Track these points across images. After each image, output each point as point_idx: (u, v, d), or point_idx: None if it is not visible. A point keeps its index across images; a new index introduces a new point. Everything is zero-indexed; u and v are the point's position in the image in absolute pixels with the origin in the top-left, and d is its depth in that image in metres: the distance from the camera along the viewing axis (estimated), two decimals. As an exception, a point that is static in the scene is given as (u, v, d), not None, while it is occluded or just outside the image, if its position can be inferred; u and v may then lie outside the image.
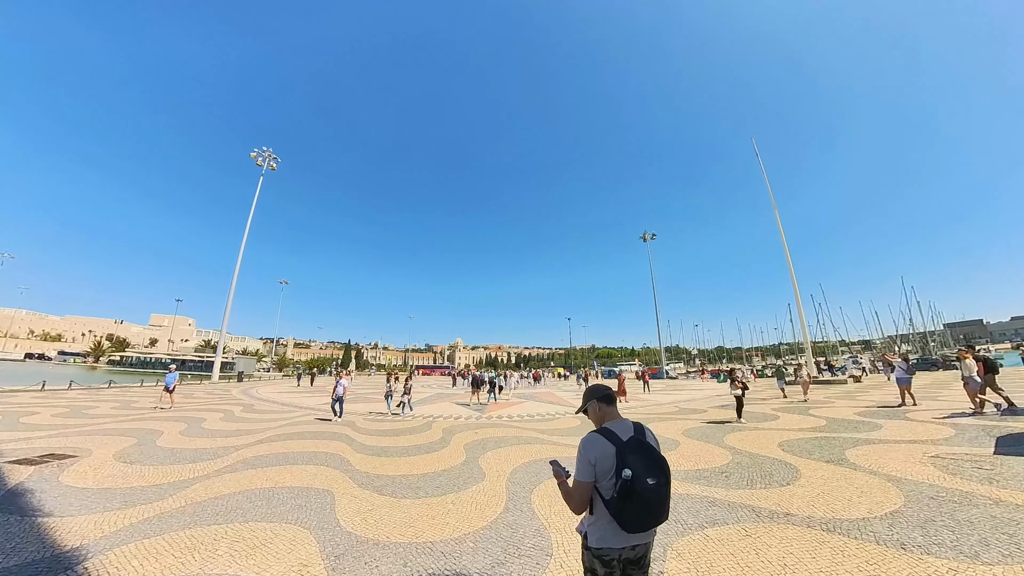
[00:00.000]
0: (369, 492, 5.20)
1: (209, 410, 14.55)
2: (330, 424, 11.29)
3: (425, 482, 5.66)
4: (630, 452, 1.81)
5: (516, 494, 5.07)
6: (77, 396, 18.64)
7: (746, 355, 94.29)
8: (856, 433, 8.52)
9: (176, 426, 10.66)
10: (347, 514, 4.45)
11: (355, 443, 8.57)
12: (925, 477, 5.43)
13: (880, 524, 4.07)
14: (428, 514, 4.46)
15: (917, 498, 4.70)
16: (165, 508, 4.63)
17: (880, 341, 65.21)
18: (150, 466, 6.56)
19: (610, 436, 1.89)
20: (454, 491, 5.23)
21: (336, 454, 7.49)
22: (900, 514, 4.30)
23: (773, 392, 19.67)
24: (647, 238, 57.74)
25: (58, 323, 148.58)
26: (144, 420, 11.59)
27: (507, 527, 4.10)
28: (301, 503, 4.79)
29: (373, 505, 4.72)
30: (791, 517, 4.28)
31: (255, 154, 44.62)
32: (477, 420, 12.34)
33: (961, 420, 9.20)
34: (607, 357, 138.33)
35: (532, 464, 6.63)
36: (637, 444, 1.86)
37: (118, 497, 5.01)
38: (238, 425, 11.13)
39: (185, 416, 12.66)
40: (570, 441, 8.65)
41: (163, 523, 4.20)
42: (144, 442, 8.48)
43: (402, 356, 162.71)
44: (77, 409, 13.72)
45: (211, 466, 6.58)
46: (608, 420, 2.04)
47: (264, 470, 6.32)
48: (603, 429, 1.96)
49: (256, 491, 5.25)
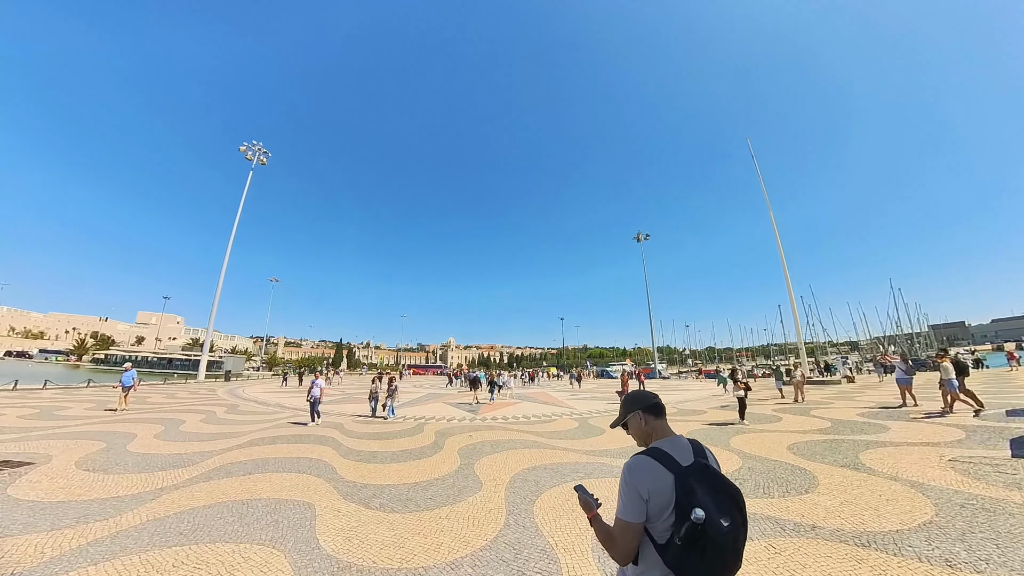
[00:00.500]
0: (354, 505, 4.70)
1: (190, 411, 13.87)
2: (316, 427, 10.72)
3: (416, 493, 5.18)
4: (696, 482, 1.35)
5: (517, 506, 4.62)
6: (51, 396, 17.78)
7: (736, 355, 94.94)
8: (864, 435, 8.24)
9: (151, 429, 10.03)
10: (328, 532, 3.96)
11: (342, 448, 8.05)
12: (948, 482, 5.13)
13: (917, 537, 3.72)
14: (419, 531, 3.98)
15: (947, 507, 4.37)
16: (122, 525, 4.11)
17: (866, 342, 66.02)
18: (115, 474, 6.00)
19: (665, 460, 1.41)
20: (448, 503, 4.75)
21: (321, 460, 6.98)
22: (935, 525, 3.96)
23: (770, 392, 19.49)
24: (640, 239, 57.59)
25: (41, 320, 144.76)
26: (117, 422, 10.91)
27: (508, 547, 3.64)
28: (277, 519, 4.29)
29: (358, 521, 4.23)
30: (819, 530, 3.91)
31: (244, 148, 43.48)
32: (471, 422, 11.87)
33: (972, 422, 9.00)
34: (599, 357, 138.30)
35: (532, 471, 6.18)
36: (702, 471, 1.40)
37: (72, 512, 4.46)
38: (219, 428, 10.53)
39: (163, 418, 12.00)
40: (570, 445, 8.23)
41: (116, 545, 3.68)
42: (113, 447, 7.88)
43: (394, 355, 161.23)
44: (47, 410, 12.96)
45: (183, 474, 6.04)
46: (658, 437, 1.56)
47: (240, 479, 5.80)
48: (654, 450, 1.47)
49: (228, 504, 4.74)
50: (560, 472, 6.06)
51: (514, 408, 15.53)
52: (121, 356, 68.32)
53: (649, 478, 1.37)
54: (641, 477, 1.38)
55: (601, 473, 5.98)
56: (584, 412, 13.89)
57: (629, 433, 1.68)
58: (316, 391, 11.11)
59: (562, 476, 5.83)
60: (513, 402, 18.29)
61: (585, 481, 5.53)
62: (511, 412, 14.16)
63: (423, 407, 16.24)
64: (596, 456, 7.12)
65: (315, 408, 11.12)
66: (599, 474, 5.93)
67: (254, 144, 43.92)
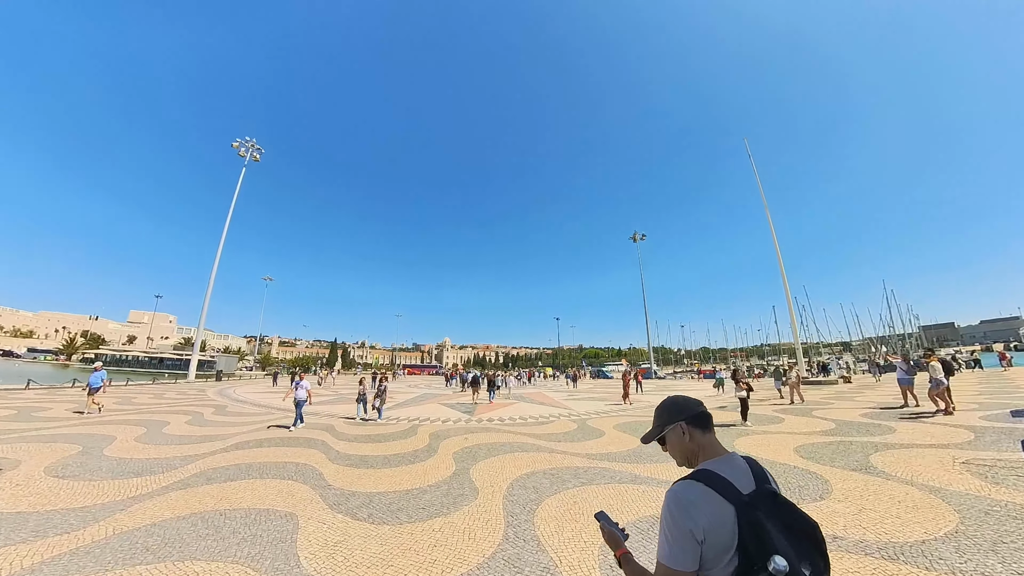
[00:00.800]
0: (341, 516, 4.35)
1: (176, 412, 13.43)
2: (304, 429, 10.34)
3: (408, 501, 4.84)
4: (765, 517, 1.01)
5: (516, 517, 4.30)
6: (33, 396, 17.19)
7: (731, 356, 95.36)
8: (870, 436, 8.02)
9: (133, 431, 9.61)
10: (311, 548, 3.62)
11: (331, 451, 7.69)
12: (967, 487, 4.89)
13: (946, 548, 3.46)
14: (411, 547, 3.65)
15: (972, 514, 4.13)
16: (83, 540, 3.74)
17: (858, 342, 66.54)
18: (85, 481, 5.62)
19: (722, 487, 1.08)
20: (442, 514, 4.42)
21: (308, 465, 6.62)
22: (962, 535, 3.71)
23: (768, 392, 19.33)
24: (637, 239, 57.50)
25: (31, 319, 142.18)
26: (96, 424, 10.46)
27: (508, 565, 3.32)
28: (256, 532, 3.94)
29: (344, 534, 3.89)
30: (840, 541, 3.64)
31: (237, 144, 42.84)
32: (466, 424, 11.54)
33: (978, 422, 8.82)
34: (594, 357, 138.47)
35: (531, 476, 5.86)
36: (771, 501, 1.06)
37: (29, 524, 4.09)
38: (205, 430, 10.12)
39: (147, 419, 11.55)
40: (569, 448, 7.92)
41: (73, 564, 3.32)
42: (90, 451, 7.47)
43: (389, 355, 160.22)
44: (26, 411, 12.46)
45: (159, 481, 5.66)
46: (706, 456, 1.23)
47: (220, 486, 5.43)
48: (705, 474, 1.13)
49: (205, 515, 4.38)
50: (560, 478, 5.75)
51: (510, 409, 15.21)
52: (111, 356, 67.08)
53: (705, 512, 1.04)
54: (694, 511, 1.04)
55: (604, 479, 5.68)
56: (582, 413, 13.60)
57: (666, 449, 1.36)
58: (301, 392, 10.43)
59: (563, 482, 5.53)
60: (509, 403, 17.96)
61: (590, 489, 5.23)
62: (507, 413, 13.84)
63: (417, 408, 15.87)
64: (598, 460, 6.82)
65: (299, 410, 10.42)
66: (602, 480, 5.63)
67: (247, 140, 43.25)
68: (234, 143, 42.73)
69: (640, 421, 11.41)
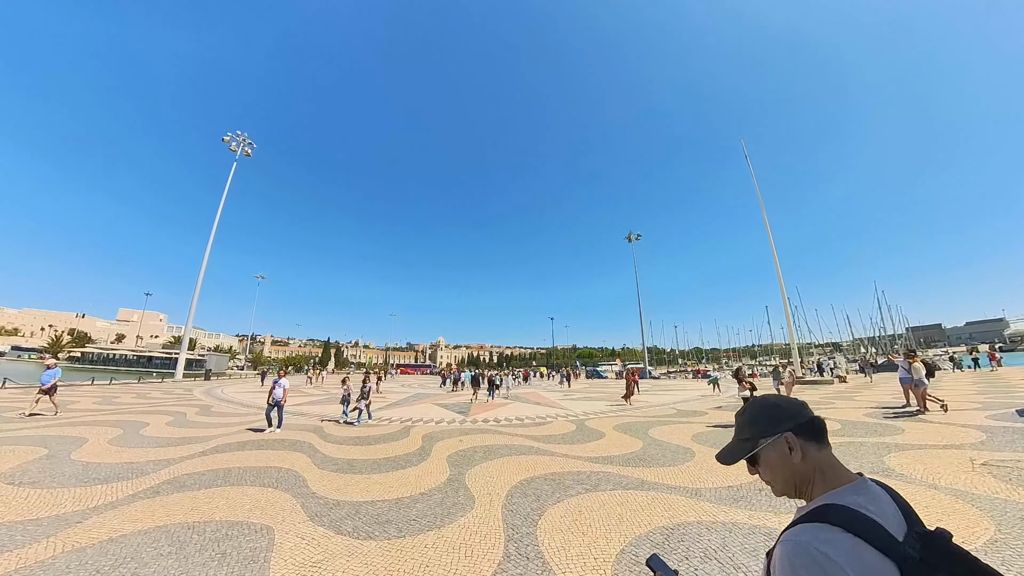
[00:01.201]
0: (322, 530, 3.91)
1: (159, 412, 12.86)
2: (293, 431, 9.86)
3: (398, 512, 4.42)
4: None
5: (517, 529, 3.90)
6: (6, 396, 16.46)
7: (723, 356, 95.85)
8: (879, 437, 7.76)
9: (107, 432, 9.07)
10: (286, 568, 3.19)
11: (317, 455, 7.24)
12: (994, 491, 4.61)
13: (990, 560, 3.14)
14: (399, 567, 3.23)
15: (1008, 520, 3.84)
16: (27, 559, 3.29)
17: (848, 343, 67.18)
18: (45, 489, 5.13)
19: (874, 535, 0.71)
20: (435, 526, 4.00)
21: (291, 470, 6.17)
22: (1003, 543, 3.42)
23: (767, 392, 19.14)
24: (632, 238, 57.33)
25: (15, 316, 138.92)
26: (68, 425, 9.89)
27: (510, 587, 2.94)
28: (225, 549, 3.51)
29: (325, 553, 3.45)
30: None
31: (228, 138, 41.98)
32: (461, 425, 11.13)
33: (985, 422, 8.62)
34: (588, 357, 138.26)
35: (531, 482, 5.47)
36: (946, 552, 0.69)
37: (-32, 542, 3.62)
38: (185, 431, 9.61)
39: (125, 420, 10.99)
40: (569, 450, 7.54)
41: (8, 589, 2.88)
42: (56, 454, 6.96)
43: (383, 355, 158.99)
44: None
45: (126, 488, 5.19)
46: (828, 484, 0.84)
47: (193, 494, 4.98)
48: (844, 513, 0.75)
49: (170, 528, 3.93)
50: (562, 483, 5.37)
51: (506, 409, 14.81)
52: (98, 354, 65.52)
53: (854, 571, 0.66)
54: (837, 569, 0.67)
55: (609, 484, 5.31)
56: (579, 413, 13.26)
57: (755, 472, 0.95)
58: (279, 392, 9.67)
59: (565, 488, 5.15)
60: (504, 403, 17.57)
61: (595, 496, 4.84)
62: (503, 414, 13.45)
63: (410, 408, 15.42)
64: (600, 464, 6.45)
65: (279, 411, 9.65)
66: (607, 486, 5.25)
67: (238, 135, 42.39)
68: (225, 137, 41.85)
69: (640, 421, 11.08)
